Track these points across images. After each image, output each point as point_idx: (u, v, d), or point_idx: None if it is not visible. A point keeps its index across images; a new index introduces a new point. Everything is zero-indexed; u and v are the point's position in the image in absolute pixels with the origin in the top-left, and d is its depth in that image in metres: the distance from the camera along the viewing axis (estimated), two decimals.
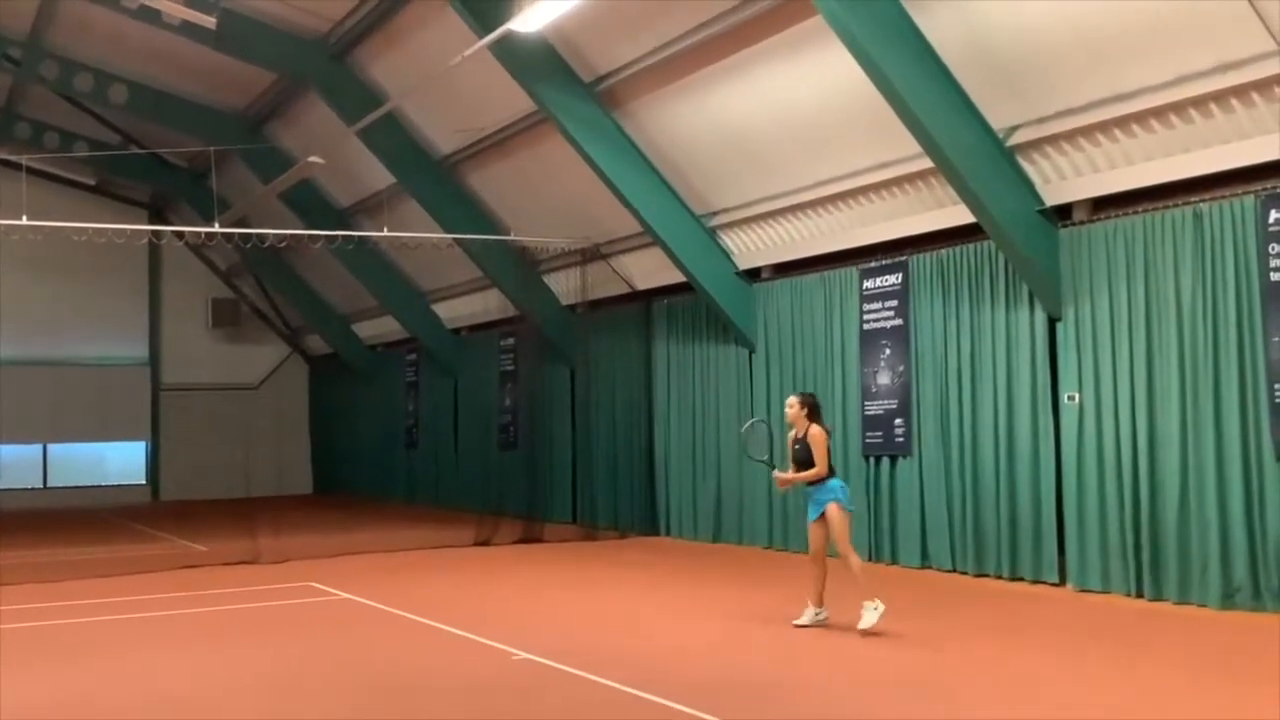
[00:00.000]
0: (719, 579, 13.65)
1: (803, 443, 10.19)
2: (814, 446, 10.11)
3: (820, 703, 7.72)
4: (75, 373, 28.93)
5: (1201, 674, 8.26)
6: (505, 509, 20.30)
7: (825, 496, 10.06)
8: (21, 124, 24.68)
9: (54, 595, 13.06)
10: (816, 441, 10.12)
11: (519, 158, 18.67)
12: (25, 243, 19.77)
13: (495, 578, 14.21)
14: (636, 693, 7.88)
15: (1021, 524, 12.64)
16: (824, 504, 10.06)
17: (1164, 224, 11.29)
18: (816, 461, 10.08)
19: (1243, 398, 10.60)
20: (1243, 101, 10.30)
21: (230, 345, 31.09)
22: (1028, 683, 8.16)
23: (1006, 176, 12.09)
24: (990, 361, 13.08)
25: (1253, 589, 10.48)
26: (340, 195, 23.58)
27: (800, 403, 10.32)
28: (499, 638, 9.87)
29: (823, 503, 10.07)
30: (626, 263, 18.78)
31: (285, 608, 12.30)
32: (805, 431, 10.19)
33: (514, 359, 22.66)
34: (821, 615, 10.18)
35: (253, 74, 20.55)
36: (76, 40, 20.80)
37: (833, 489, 10.07)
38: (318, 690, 8.32)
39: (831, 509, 10.02)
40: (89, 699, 8.17)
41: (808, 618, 10.18)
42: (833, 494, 10.06)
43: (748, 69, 13.98)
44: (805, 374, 15.65)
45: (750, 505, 16.63)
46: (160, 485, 30.16)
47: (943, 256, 13.69)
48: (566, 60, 15.70)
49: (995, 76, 11.74)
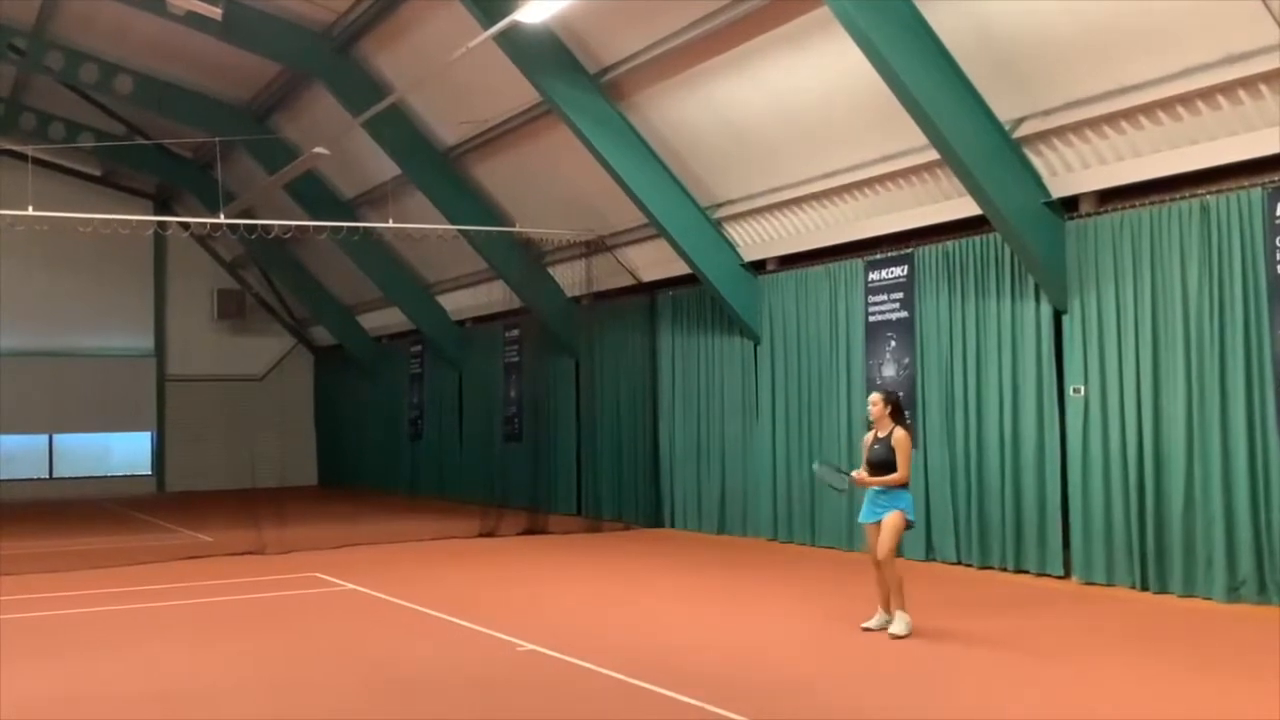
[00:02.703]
0: (723, 571, 13.65)
1: (884, 443, 9.61)
2: (899, 450, 9.53)
3: (825, 695, 7.72)
4: (80, 363, 28.94)
5: (1206, 667, 8.25)
6: (510, 501, 20.32)
7: (894, 503, 9.49)
8: (27, 114, 24.71)
9: (59, 585, 13.10)
10: (903, 445, 9.55)
11: (524, 149, 18.66)
12: (31, 233, 19.83)
13: (500, 569, 14.22)
14: (641, 684, 7.88)
15: (1026, 517, 12.63)
16: (888, 510, 9.47)
17: (1170, 217, 11.25)
18: (900, 466, 9.49)
19: (1249, 391, 10.57)
20: (1250, 94, 10.26)
21: (235, 336, 31.11)
22: (1030, 677, 8.15)
23: (1013, 169, 12.06)
24: (996, 354, 13.06)
25: (1258, 582, 10.46)
26: (345, 187, 23.57)
27: (885, 401, 9.73)
28: (504, 629, 9.88)
29: (887, 508, 9.48)
30: (631, 255, 18.77)
31: (290, 598, 12.33)
32: (889, 432, 9.63)
33: (518, 351, 22.66)
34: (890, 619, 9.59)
35: (258, 65, 20.54)
36: (82, 31, 20.80)
37: (904, 498, 9.54)
38: (322, 681, 8.33)
39: (896, 515, 9.46)
40: (93, 689, 8.18)
41: (876, 622, 9.62)
42: (903, 503, 9.52)
43: (753, 61, 13.96)
44: (810, 366, 15.65)
45: (754, 497, 16.63)
46: (165, 476, 30.20)
47: (948, 249, 13.66)
48: (572, 52, 15.68)
49: (1002, 68, 11.70)
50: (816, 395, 15.58)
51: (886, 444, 9.61)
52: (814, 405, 15.61)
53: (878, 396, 9.84)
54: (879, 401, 9.78)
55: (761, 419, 16.52)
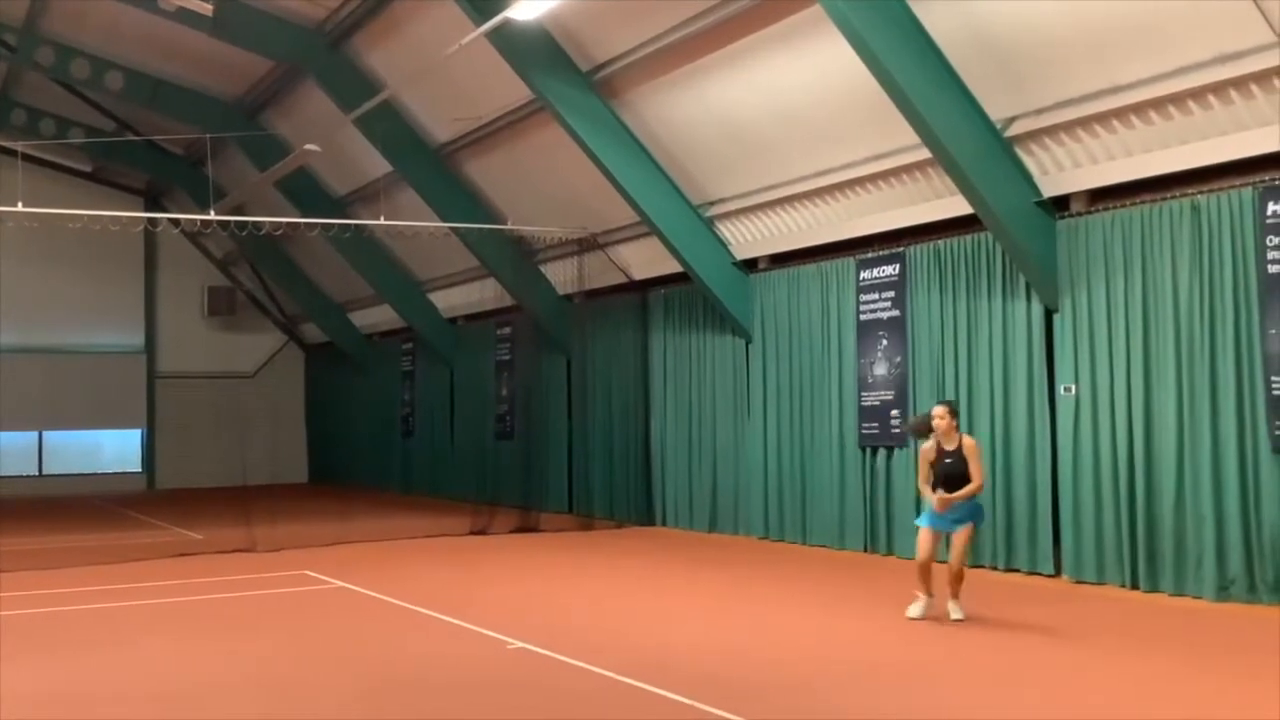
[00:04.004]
0: (715, 569, 13.65)
1: (956, 455, 9.41)
2: (973, 459, 9.43)
3: (812, 695, 7.71)
4: (71, 360, 28.88)
5: (1196, 666, 8.26)
6: (501, 498, 20.31)
7: (969, 514, 9.26)
8: (17, 110, 24.64)
9: (49, 583, 13.05)
10: (974, 451, 9.44)
11: (516, 147, 18.63)
12: (20, 230, 19.77)
13: (491, 567, 14.21)
14: (631, 682, 7.88)
15: (1017, 515, 12.64)
16: (962, 522, 9.25)
17: (1162, 216, 11.27)
18: (976, 474, 9.35)
19: (1239, 390, 10.60)
20: (1241, 93, 10.28)
21: (226, 333, 31.04)
22: (1019, 675, 8.16)
23: (1004, 168, 12.07)
24: (987, 353, 13.07)
25: (1248, 581, 10.48)
26: (337, 183, 23.52)
27: (950, 412, 9.50)
28: (494, 627, 9.87)
29: (961, 520, 9.25)
30: (623, 253, 18.76)
31: (280, 596, 12.30)
32: (958, 444, 9.50)
33: (510, 348, 22.64)
34: (932, 601, 9.74)
35: (249, 61, 20.49)
36: (73, 26, 20.72)
37: (977, 507, 9.31)
38: (311, 679, 8.31)
39: (969, 530, 9.32)
40: (82, 687, 8.15)
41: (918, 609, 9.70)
42: (977, 513, 9.28)
43: (746, 59, 13.95)
44: (802, 365, 15.66)
45: (746, 495, 16.64)
46: (155, 473, 30.14)
47: (940, 247, 13.67)
48: (564, 49, 15.66)
49: (994, 67, 11.71)
50: (808, 393, 15.58)
51: (959, 455, 9.32)
52: (806, 403, 15.62)
53: (943, 409, 9.47)
54: (946, 415, 9.41)
55: (753, 417, 16.52)
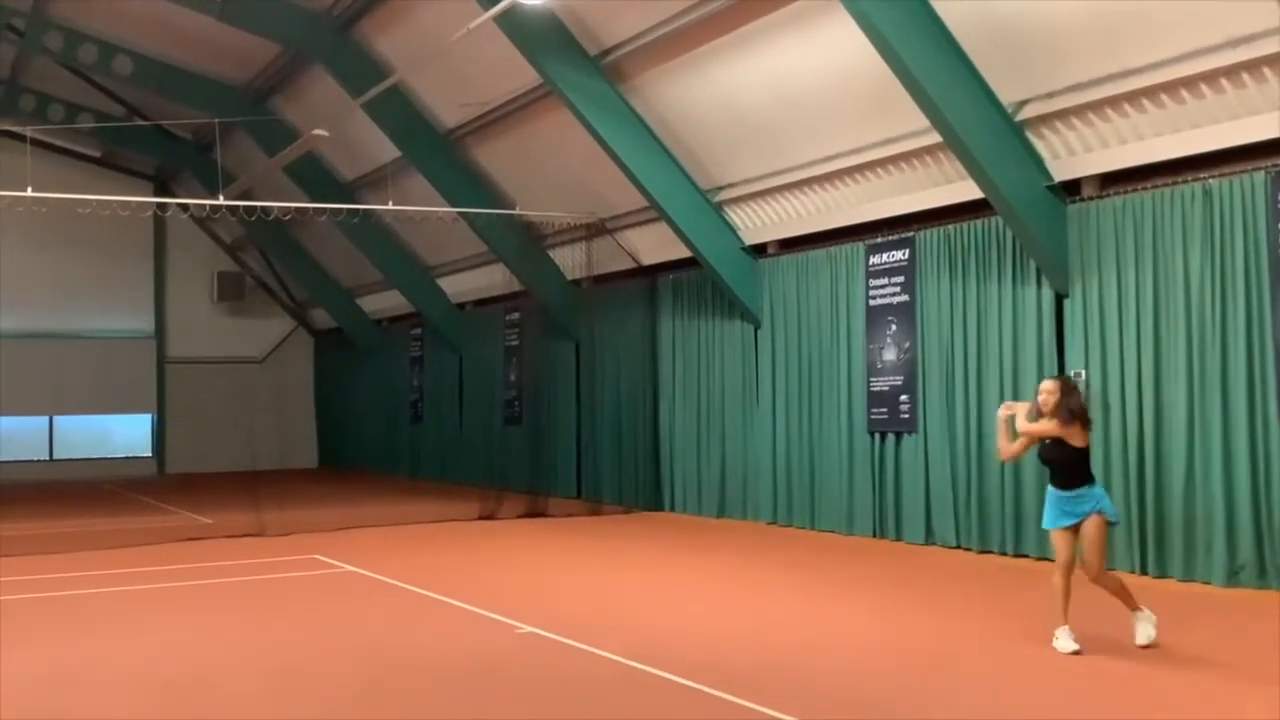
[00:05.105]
0: (724, 554, 13.66)
1: (1056, 440, 8.37)
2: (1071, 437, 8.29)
3: (822, 682, 7.72)
4: (80, 345, 28.96)
5: (1205, 652, 8.24)
6: (510, 484, 20.32)
7: (1092, 503, 8.28)
8: (26, 95, 24.65)
9: (59, 567, 13.11)
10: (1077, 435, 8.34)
11: (524, 132, 18.60)
12: (30, 215, 19.73)
13: (499, 552, 14.23)
14: (640, 666, 7.89)
15: (1026, 501, 12.61)
16: (1084, 513, 8.27)
17: (1173, 200, 11.22)
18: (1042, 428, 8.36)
19: (1250, 375, 10.56)
20: (1253, 77, 10.21)
21: (235, 319, 31.10)
22: (1029, 664, 8.15)
23: (1015, 152, 12.02)
24: (997, 338, 13.04)
25: (1258, 567, 10.47)
26: (345, 169, 23.52)
27: (1061, 388, 8.42)
28: (503, 611, 9.89)
29: (1083, 511, 8.28)
30: (632, 238, 18.74)
31: (290, 580, 12.34)
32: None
33: (519, 334, 22.64)
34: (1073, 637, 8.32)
35: (258, 46, 20.46)
36: (81, 11, 20.71)
37: (1096, 496, 8.35)
38: (321, 663, 8.33)
39: (1097, 522, 8.26)
40: (92, 670, 8.19)
41: (1067, 642, 8.25)
42: (1101, 502, 8.34)
43: (755, 43, 13.90)
44: (811, 350, 15.63)
45: (754, 480, 16.63)
46: (165, 458, 30.23)
47: (950, 232, 13.63)
48: (572, 33, 15.61)
49: (1005, 51, 11.65)
50: (817, 379, 15.56)
51: (1058, 440, 8.37)
52: (814, 389, 15.60)
53: (1053, 384, 8.47)
54: (1055, 390, 8.39)
55: (762, 402, 16.51)
